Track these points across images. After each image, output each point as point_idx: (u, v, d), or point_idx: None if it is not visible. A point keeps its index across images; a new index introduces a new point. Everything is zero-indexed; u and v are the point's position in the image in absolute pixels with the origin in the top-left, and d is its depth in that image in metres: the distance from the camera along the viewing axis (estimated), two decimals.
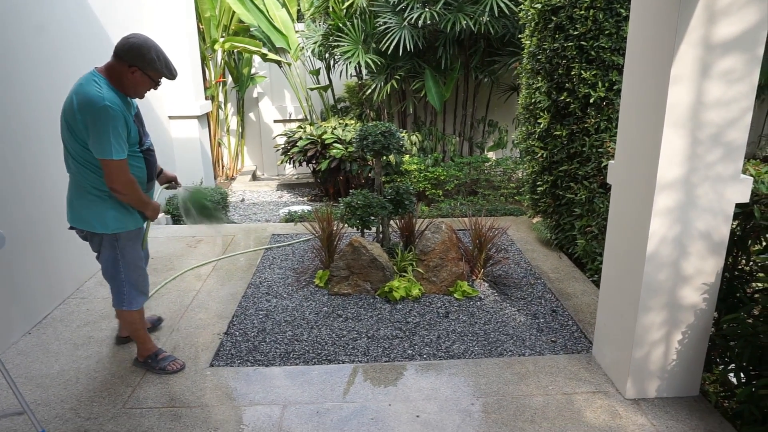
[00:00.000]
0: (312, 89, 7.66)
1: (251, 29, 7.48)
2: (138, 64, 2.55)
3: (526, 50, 4.67)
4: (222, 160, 8.24)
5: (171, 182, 3.23)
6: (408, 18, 6.15)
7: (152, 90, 2.73)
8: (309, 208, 6.30)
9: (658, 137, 2.38)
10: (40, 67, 3.63)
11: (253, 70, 8.18)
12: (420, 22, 6.07)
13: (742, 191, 2.44)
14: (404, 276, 3.96)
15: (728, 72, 2.30)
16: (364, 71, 7.19)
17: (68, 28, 4.02)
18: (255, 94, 8.41)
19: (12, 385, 2.43)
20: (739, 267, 2.77)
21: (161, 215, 5.54)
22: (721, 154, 2.39)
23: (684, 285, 2.56)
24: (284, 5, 7.49)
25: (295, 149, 6.52)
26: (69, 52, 4.00)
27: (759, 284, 2.69)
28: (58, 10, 3.90)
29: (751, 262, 2.72)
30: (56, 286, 3.74)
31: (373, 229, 4.43)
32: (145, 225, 2.91)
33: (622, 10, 3.82)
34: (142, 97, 2.71)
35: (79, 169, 2.60)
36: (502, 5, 5.92)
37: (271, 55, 7.32)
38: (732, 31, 2.26)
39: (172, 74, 2.71)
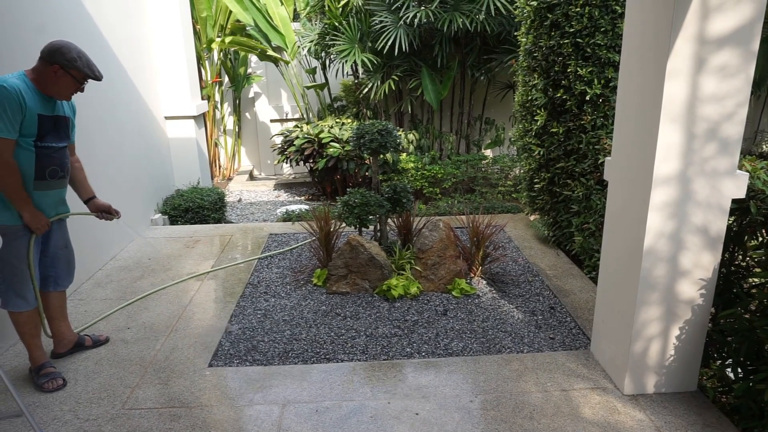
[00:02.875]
0: (308, 88, 7.66)
1: (247, 28, 7.47)
2: (59, 62, 2.62)
3: (522, 48, 4.67)
4: (219, 160, 8.22)
5: (103, 212, 3.05)
6: (404, 17, 6.15)
7: (78, 93, 2.78)
8: (306, 207, 6.30)
9: (654, 132, 2.38)
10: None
11: (249, 70, 8.17)
12: (416, 21, 6.07)
13: (738, 186, 2.44)
14: (402, 274, 3.96)
15: (724, 67, 2.31)
16: (360, 70, 7.19)
17: (62, 28, 4.00)
18: (251, 94, 8.39)
19: (11, 388, 2.42)
20: (736, 262, 2.77)
21: (157, 215, 5.53)
22: (717, 148, 2.40)
23: (681, 280, 2.57)
24: (282, 3, 7.48)
25: (292, 148, 6.51)
26: None
27: (755, 279, 2.70)
28: (53, 11, 3.88)
29: (748, 258, 2.73)
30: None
31: (371, 227, 4.43)
32: (30, 239, 2.73)
33: (617, 7, 3.83)
34: (67, 98, 2.76)
35: None
36: (499, 5, 5.92)
37: (271, 52, 7.31)
38: (727, 25, 2.26)
39: (95, 74, 2.75)
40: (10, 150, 2.55)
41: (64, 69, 2.63)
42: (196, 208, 5.66)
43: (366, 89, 6.91)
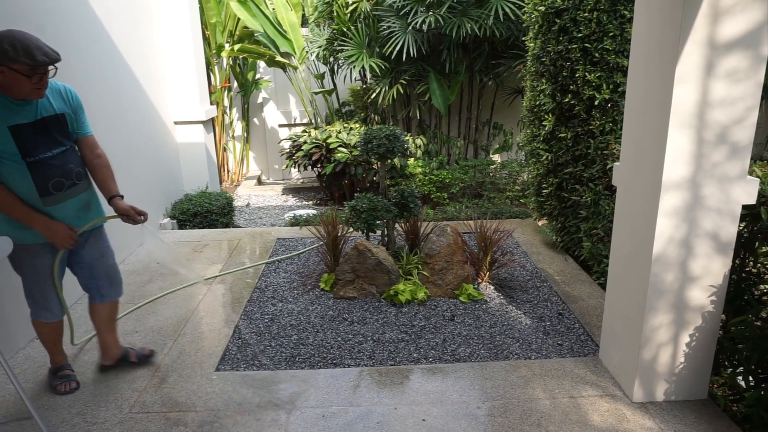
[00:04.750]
0: (316, 93, 7.68)
1: (255, 34, 7.51)
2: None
3: (530, 53, 4.66)
4: (227, 165, 8.26)
5: (127, 215, 2.73)
6: (412, 23, 6.16)
7: (38, 86, 2.38)
8: (314, 211, 6.31)
9: (663, 137, 2.37)
10: None
11: (257, 75, 8.22)
12: (424, 27, 6.08)
13: (748, 192, 2.42)
14: (409, 279, 3.95)
15: (733, 71, 2.29)
16: (368, 75, 7.21)
17: (69, 32, 4.04)
18: (260, 99, 8.44)
19: (20, 390, 2.44)
20: (747, 269, 2.74)
21: (166, 220, 5.56)
22: (726, 153, 2.38)
23: (691, 286, 2.54)
24: (291, 9, 7.52)
25: (300, 153, 6.53)
26: (69, 55, 3.99)
27: (766, 287, 2.67)
28: (59, 14, 3.91)
29: (759, 264, 2.70)
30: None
31: (378, 232, 4.43)
32: (55, 257, 2.63)
33: (625, 12, 3.81)
34: (36, 95, 2.40)
35: None
36: (507, 10, 5.92)
37: (279, 58, 7.35)
38: (737, 29, 2.25)
39: (35, 60, 2.28)
40: None
41: (7, 66, 2.28)
42: (205, 212, 5.69)
43: (374, 94, 6.92)
